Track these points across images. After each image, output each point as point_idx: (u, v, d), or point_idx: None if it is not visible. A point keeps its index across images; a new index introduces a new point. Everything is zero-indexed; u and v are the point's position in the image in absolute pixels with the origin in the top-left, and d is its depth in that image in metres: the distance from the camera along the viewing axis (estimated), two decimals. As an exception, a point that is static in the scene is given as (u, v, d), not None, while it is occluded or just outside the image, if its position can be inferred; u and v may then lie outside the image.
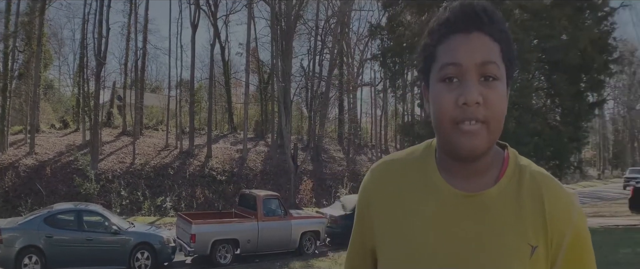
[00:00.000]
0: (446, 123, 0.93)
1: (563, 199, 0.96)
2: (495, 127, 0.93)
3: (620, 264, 8.91)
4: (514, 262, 0.92)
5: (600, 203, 24.98)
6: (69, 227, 10.28)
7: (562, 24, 13.54)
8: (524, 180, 0.98)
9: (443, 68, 0.94)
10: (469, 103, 0.90)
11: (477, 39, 0.93)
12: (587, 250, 0.96)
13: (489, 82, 0.92)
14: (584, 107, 14.86)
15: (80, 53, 30.33)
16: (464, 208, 0.97)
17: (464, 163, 0.98)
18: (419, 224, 0.99)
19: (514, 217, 0.95)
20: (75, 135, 28.79)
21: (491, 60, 0.92)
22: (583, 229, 0.95)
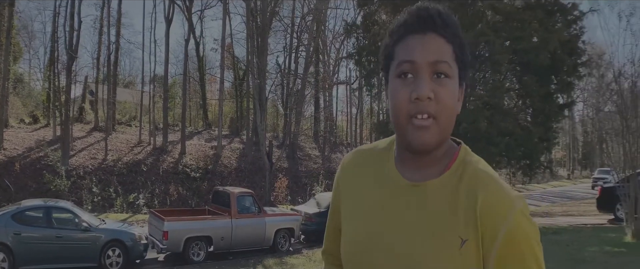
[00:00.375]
0: (401, 117, 1.01)
1: (498, 197, 0.98)
2: (445, 122, 1.00)
3: (587, 262, 9.14)
4: (443, 251, 0.97)
5: (570, 203, 25.54)
6: (38, 224, 10.10)
7: (532, 27, 13.83)
8: (465, 175, 1.03)
9: (399, 65, 1.02)
10: (421, 98, 0.97)
11: (431, 39, 1.01)
12: (525, 249, 0.96)
13: (441, 79, 1.00)
14: (553, 108, 15.19)
15: (51, 46, 29.63)
16: (408, 196, 1.05)
17: (417, 155, 1.05)
18: (369, 208, 1.10)
19: (449, 209, 1.00)
20: (45, 130, 28.18)
21: (443, 60, 1.00)
22: (520, 229, 0.96)
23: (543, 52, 13.50)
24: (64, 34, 26.32)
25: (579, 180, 52.42)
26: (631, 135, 11.71)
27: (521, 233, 0.96)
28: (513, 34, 14.28)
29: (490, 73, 15.42)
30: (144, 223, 15.43)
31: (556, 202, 26.46)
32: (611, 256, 9.66)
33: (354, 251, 1.10)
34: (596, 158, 57.30)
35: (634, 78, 12.55)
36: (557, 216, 18.94)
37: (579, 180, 51.46)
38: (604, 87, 16.00)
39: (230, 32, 35.47)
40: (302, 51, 31.62)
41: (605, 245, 10.90)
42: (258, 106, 21.69)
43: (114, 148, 26.33)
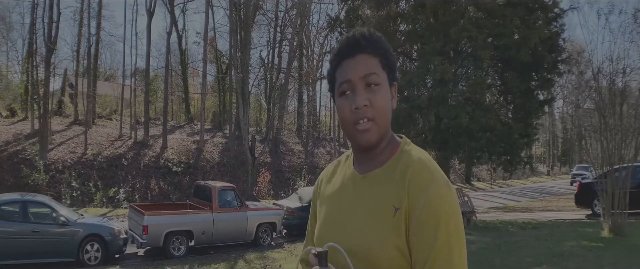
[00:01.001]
0: (348, 126, 1.26)
1: (423, 172, 1.19)
2: (382, 122, 1.25)
3: (565, 256, 9.28)
4: (381, 221, 1.19)
5: (549, 198, 25.87)
6: (14, 218, 9.90)
7: (514, 23, 13.93)
8: (401, 161, 1.25)
9: (340, 86, 1.27)
10: (359, 107, 1.23)
11: (360, 58, 1.26)
12: (441, 215, 1.14)
13: (372, 88, 1.24)
14: (534, 105, 15.33)
15: (29, 38, 29.11)
16: (358, 185, 1.30)
17: (365, 153, 1.30)
18: (332, 202, 1.36)
19: (386, 188, 1.23)
20: (23, 123, 27.71)
21: (371, 72, 1.25)
22: (438, 198, 1.15)
23: (524, 48, 13.60)
24: (43, 25, 25.87)
25: (558, 176, 53.21)
26: (609, 132, 11.88)
27: (437, 202, 1.15)
28: (495, 31, 14.37)
29: (472, 69, 15.50)
30: (124, 218, 15.27)
31: (536, 198, 26.79)
32: (588, 250, 9.81)
33: (320, 235, 1.35)
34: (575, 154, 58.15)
35: (612, 76, 12.72)
36: (537, 212, 19.19)
37: (558, 176, 52.24)
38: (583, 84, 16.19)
39: (213, 26, 35.20)
40: (286, 45, 31.49)
41: (582, 240, 11.07)
42: (241, 100, 21.56)
43: (94, 142, 26.01)
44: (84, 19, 31.81)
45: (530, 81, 15.29)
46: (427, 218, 1.14)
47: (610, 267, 8.20)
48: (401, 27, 17.08)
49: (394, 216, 1.18)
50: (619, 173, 11.47)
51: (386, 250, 1.17)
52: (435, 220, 1.13)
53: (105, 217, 13.85)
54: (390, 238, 1.17)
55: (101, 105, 34.84)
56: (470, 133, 14.14)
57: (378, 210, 1.21)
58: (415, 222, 1.15)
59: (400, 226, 1.17)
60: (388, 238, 1.17)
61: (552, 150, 61.64)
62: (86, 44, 32.21)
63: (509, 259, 8.93)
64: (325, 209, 1.37)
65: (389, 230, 1.17)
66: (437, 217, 1.14)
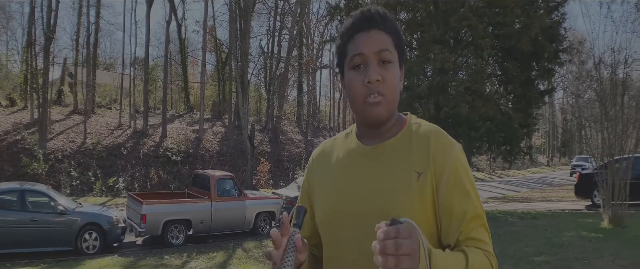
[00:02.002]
0: (358, 99, 1.27)
1: (443, 139, 1.27)
2: (391, 98, 1.27)
3: (564, 246, 9.26)
4: (404, 185, 1.22)
5: (548, 189, 25.89)
6: (12, 207, 9.91)
7: (515, 12, 13.80)
8: (414, 131, 1.30)
9: (352, 59, 1.27)
10: (372, 81, 1.24)
11: (375, 34, 1.27)
12: (462, 175, 1.24)
13: (385, 65, 1.26)
14: (534, 95, 15.23)
15: (28, 27, 28.93)
16: (371, 156, 1.31)
17: (374, 128, 1.32)
18: (338, 178, 1.34)
19: (404, 156, 1.26)
20: (22, 113, 27.65)
21: (385, 48, 1.26)
22: (458, 161, 1.25)
23: (524, 37, 13.49)
24: (42, 14, 25.68)
25: (557, 166, 53.23)
26: (610, 122, 11.82)
27: (459, 164, 1.25)
28: (495, 19, 14.24)
29: (472, 58, 15.39)
30: (123, 207, 15.27)
31: (535, 188, 26.79)
32: (588, 241, 9.80)
33: (330, 216, 1.31)
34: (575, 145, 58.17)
35: (613, 66, 12.64)
36: (536, 202, 19.19)
37: (557, 167, 52.27)
38: (584, 74, 16.11)
39: (212, 14, 35.05)
40: (286, 34, 31.33)
41: (582, 230, 11.06)
42: (240, 89, 21.48)
43: (93, 132, 25.97)
44: (83, 8, 31.70)
45: (531, 71, 15.19)
46: (454, 178, 1.22)
47: (610, 258, 8.18)
48: (401, 15, 16.94)
49: (418, 180, 1.22)
50: (620, 164, 11.43)
51: (412, 210, 1.20)
52: (459, 181, 1.23)
53: (104, 206, 13.85)
54: (414, 200, 1.21)
55: (100, 94, 34.77)
56: (470, 123, 14.08)
57: (398, 176, 1.23)
58: (445, 183, 1.22)
59: (424, 190, 1.21)
60: (413, 199, 1.20)
61: (551, 140, 61.61)
62: (85, 33, 32.10)
63: (508, 249, 8.91)
64: (330, 184, 1.34)
65: (413, 193, 1.21)
66: (461, 179, 1.23)
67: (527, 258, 8.26)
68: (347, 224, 1.26)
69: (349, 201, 1.27)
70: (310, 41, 39.36)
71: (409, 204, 1.20)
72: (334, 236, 1.30)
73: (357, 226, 1.24)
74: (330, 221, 1.31)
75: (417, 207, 1.21)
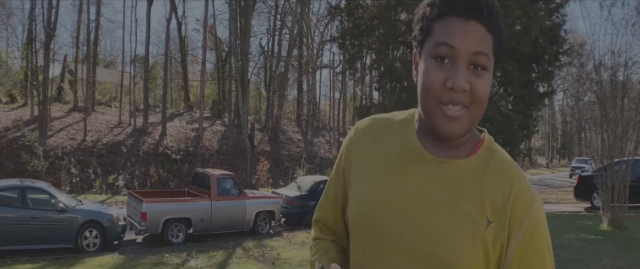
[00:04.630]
0: (431, 101, 0.99)
1: (527, 188, 1.02)
2: (476, 114, 0.99)
3: (564, 248, 9.28)
4: (468, 228, 0.98)
5: (548, 190, 25.90)
6: (13, 204, 9.90)
7: (515, 14, 13.83)
8: (492, 162, 1.04)
9: (437, 46, 0.98)
10: (456, 89, 0.95)
11: (475, 28, 0.97)
12: (542, 238, 1.01)
13: (478, 71, 0.98)
14: (534, 96, 15.27)
15: (29, 24, 28.99)
16: (432, 170, 1.03)
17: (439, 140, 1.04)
18: (387, 176, 1.07)
19: (476, 189, 1.01)
20: (23, 109, 27.67)
21: (484, 52, 0.97)
22: (540, 219, 1.02)
23: (524, 39, 13.52)
24: (43, 11, 25.73)
25: (557, 168, 53.25)
26: (609, 125, 11.85)
27: (541, 223, 1.02)
28: (496, 21, 14.32)
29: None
30: (123, 205, 15.27)
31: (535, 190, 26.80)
32: (588, 243, 9.82)
33: (366, 220, 1.07)
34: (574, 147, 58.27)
35: (613, 68, 12.68)
36: (535, 203, 19.19)
37: (557, 169, 52.28)
38: (584, 76, 16.14)
39: (213, 13, 35.09)
40: (286, 33, 31.35)
41: (581, 232, 11.08)
42: (240, 88, 21.51)
43: (93, 129, 25.98)
44: (84, 5, 31.68)
45: (531, 73, 15.22)
46: (530, 241, 0.99)
47: (609, 260, 8.21)
48: (402, 16, 16.97)
49: (486, 228, 0.98)
50: (619, 166, 11.46)
51: (472, 264, 0.98)
52: (538, 245, 1.00)
53: (104, 204, 13.86)
54: (477, 256, 0.98)
55: (101, 92, 34.76)
56: (470, 124, 14.13)
57: (466, 214, 0.99)
58: (516, 244, 0.99)
59: (488, 242, 0.98)
60: (475, 255, 0.98)
61: (551, 142, 61.68)
62: (86, 30, 32.09)
63: (507, 251, 8.93)
64: (374, 181, 1.08)
65: (478, 246, 0.98)
66: (540, 242, 1.01)
67: (527, 260, 8.28)
68: (384, 239, 1.04)
69: (393, 216, 1.03)
70: (310, 41, 39.37)
71: (467, 256, 0.98)
72: (365, 244, 1.08)
73: (395, 250, 1.02)
74: (364, 225, 1.07)
75: (477, 262, 0.98)
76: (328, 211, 1.24)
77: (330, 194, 1.23)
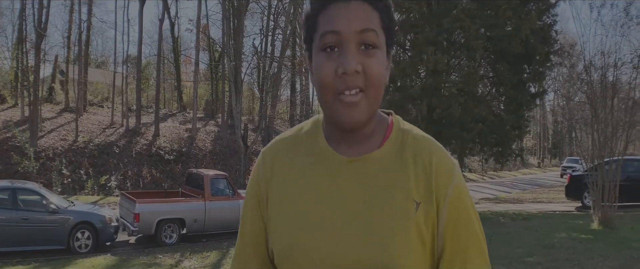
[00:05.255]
0: (328, 95, 0.94)
1: (445, 158, 1.00)
2: (374, 95, 0.94)
3: (555, 247, 9.35)
4: (401, 219, 0.94)
5: (539, 190, 26.07)
6: (3, 206, 9.88)
7: (506, 14, 13.93)
8: (407, 142, 1.01)
9: (323, 37, 0.93)
10: (348, 73, 0.91)
11: (357, 7, 0.93)
12: (467, 202, 0.99)
13: (369, 51, 0.93)
14: (525, 97, 15.38)
15: (19, 24, 28.75)
16: (351, 173, 0.98)
17: (347, 133, 0.99)
18: (307, 196, 1.00)
19: (397, 176, 0.97)
20: (13, 110, 27.48)
21: (370, 28, 0.93)
22: (461, 185, 0.99)
23: (515, 39, 13.63)
24: (33, 11, 25.56)
25: (548, 168, 53.60)
26: (600, 125, 11.95)
27: (463, 190, 0.99)
28: (487, 21, 14.40)
29: (465, 60, 15.51)
30: (115, 206, 15.22)
31: (526, 189, 26.98)
32: (578, 242, 9.89)
33: (296, 247, 0.98)
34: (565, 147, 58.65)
35: (603, 69, 12.79)
36: (527, 203, 19.33)
37: (548, 168, 52.63)
38: (575, 77, 16.26)
39: (206, 13, 34.98)
40: (279, 34, 31.31)
41: (572, 232, 11.16)
42: (234, 89, 21.48)
43: (85, 130, 25.85)
44: (75, 5, 31.50)
45: (522, 73, 15.33)
46: (457, 208, 0.97)
47: (599, 259, 8.28)
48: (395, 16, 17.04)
49: (416, 212, 0.95)
50: (610, 166, 11.57)
51: (411, 259, 0.94)
52: (465, 209, 0.98)
53: (96, 205, 13.80)
54: (415, 243, 0.94)
55: (92, 92, 34.58)
56: (463, 124, 14.19)
57: (392, 207, 0.95)
58: (445, 214, 0.97)
59: (420, 224, 0.95)
60: (413, 243, 0.94)
61: (542, 142, 62.07)
62: (77, 30, 31.90)
63: (500, 250, 8.99)
64: (294, 204, 1.01)
65: (413, 233, 0.94)
66: (466, 206, 0.99)
67: (519, 259, 8.34)
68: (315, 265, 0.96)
69: (321, 235, 0.96)
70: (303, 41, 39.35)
71: (407, 248, 0.94)
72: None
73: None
74: (293, 257, 0.99)
75: (417, 249, 0.95)
76: (250, 258, 1.10)
77: (246, 238, 1.10)
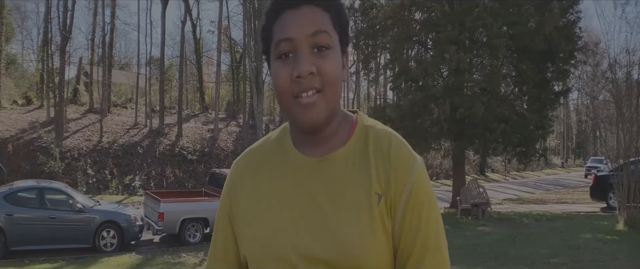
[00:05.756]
0: (286, 98, 0.97)
1: (405, 151, 1.01)
2: (331, 95, 0.97)
3: (580, 248, 9.22)
4: (363, 211, 0.96)
5: (563, 190, 25.70)
6: (31, 205, 10.08)
7: (529, 11, 13.76)
8: (369, 138, 1.03)
9: (277, 46, 0.97)
10: (303, 75, 0.94)
11: (307, 11, 0.96)
12: (427, 199, 0.99)
13: (322, 52, 0.96)
14: (549, 96, 15.18)
15: (44, 27, 29.33)
16: (316, 172, 1.01)
17: (311, 134, 1.01)
18: (275, 199, 1.03)
19: (361, 172, 0.99)
20: (39, 111, 28.04)
21: (322, 30, 0.96)
22: (422, 180, 0.99)
23: (538, 36, 13.44)
24: (58, 14, 26.02)
25: (572, 168, 52.75)
26: (625, 124, 11.74)
27: (422, 183, 0.99)
28: (510, 19, 14.24)
29: (487, 58, 15.37)
30: (139, 205, 15.43)
31: (550, 190, 26.61)
32: (604, 243, 9.74)
33: (268, 249, 1.01)
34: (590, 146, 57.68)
35: (628, 67, 12.58)
36: (551, 204, 19.08)
37: (572, 168, 51.78)
38: (599, 75, 16.01)
39: (227, 14, 35.29)
40: (299, 35, 31.43)
41: (598, 232, 10.99)
42: (255, 89, 21.58)
43: (109, 130, 26.24)
44: (99, 8, 32.00)
45: (546, 72, 15.14)
46: (415, 201, 0.98)
47: (625, 260, 8.14)
48: (416, 15, 16.96)
49: (379, 203, 0.97)
50: (635, 165, 11.35)
51: (378, 253, 0.96)
52: (422, 202, 0.98)
53: (121, 204, 14.01)
54: (379, 235, 0.96)
55: (116, 93, 35.11)
56: (486, 124, 14.05)
57: (356, 201, 0.97)
58: (403, 208, 0.98)
59: (384, 216, 0.97)
60: (378, 235, 0.96)
61: (566, 142, 61.08)
62: (101, 33, 32.43)
63: (524, 251, 8.90)
64: (262, 208, 1.04)
65: (377, 225, 0.96)
66: (424, 199, 0.99)
67: (543, 260, 8.25)
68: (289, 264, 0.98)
69: (291, 238, 0.99)
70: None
71: (372, 239, 0.96)
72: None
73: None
74: (265, 259, 1.01)
75: (381, 241, 0.97)
76: (220, 264, 1.13)
77: (219, 245, 1.13)
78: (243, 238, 1.07)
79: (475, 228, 12.10)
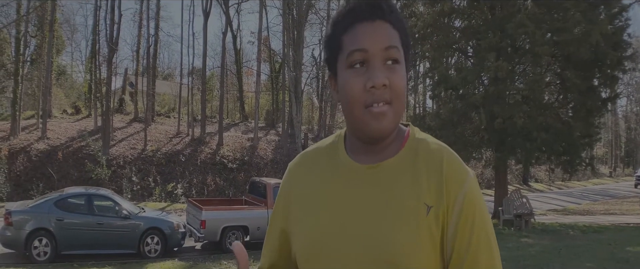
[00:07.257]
0: (357, 107, 1.02)
1: (457, 164, 1.04)
2: (399, 107, 1.02)
3: (629, 262, 8.89)
4: (411, 220, 1.00)
5: (611, 201, 24.82)
6: (80, 211, 10.42)
7: (575, 18, 13.38)
8: (420, 150, 1.07)
9: (350, 55, 1.02)
10: (377, 86, 0.99)
11: (381, 26, 1.02)
12: (479, 214, 1.02)
13: (393, 66, 1.02)
14: (595, 103, 14.72)
15: (92, 39, 30.44)
16: (367, 179, 1.05)
17: (371, 144, 1.07)
18: (326, 202, 1.08)
19: (410, 181, 1.03)
20: (87, 120, 29.02)
21: (394, 45, 1.02)
22: (474, 192, 1.03)
23: (585, 44, 13.07)
24: (105, 27, 27.02)
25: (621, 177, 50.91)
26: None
27: (475, 196, 1.02)
28: (554, 26, 13.89)
29: (529, 66, 15.05)
30: (181, 212, 15.74)
31: (597, 200, 25.75)
32: (655, 256, 9.37)
33: (312, 252, 1.07)
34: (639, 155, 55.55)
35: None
36: (598, 215, 18.47)
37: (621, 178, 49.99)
38: (650, 81, 15.43)
39: (266, 25, 35.75)
40: (338, 44, 31.52)
41: (648, 245, 10.58)
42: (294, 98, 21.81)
43: (153, 139, 26.90)
44: (143, 20, 32.99)
45: (592, 78, 14.69)
46: (466, 215, 1.00)
47: (679, 274, 7.81)
48: (456, 23, 16.79)
49: (427, 215, 1.00)
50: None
51: (421, 261, 0.99)
52: (474, 217, 1.01)
53: (164, 211, 14.32)
54: (425, 245, 0.99)
55: (160, 103, 35.98)
56: (526, 133, 13.73)
57: (404, 209, 1.01)
58: (455, 221, 1.00)
59: (432, 227, 1.00)
60: (423, 245, 0.99)
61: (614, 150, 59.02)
62: (145, 44, 33.38)
63: (570, 264, 8.64)
64: (312, 209, 1.09)
65: (424, 234, 0.99)
66: (476, 213, 1.02)
67: (590, 273, 7.99)
68: (335, 265, 1.03)
69: (338, 236, 1.03)
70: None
71: (417, 248, 0.99)
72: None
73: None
74: (312, 258, 1.07)
75: (426, 251, 1.00)
76: (274, 259, 1.22)
77: (274, 242, 1.21)
78: (294, 238, 1.13)
79: (518, 240, 11.83)
